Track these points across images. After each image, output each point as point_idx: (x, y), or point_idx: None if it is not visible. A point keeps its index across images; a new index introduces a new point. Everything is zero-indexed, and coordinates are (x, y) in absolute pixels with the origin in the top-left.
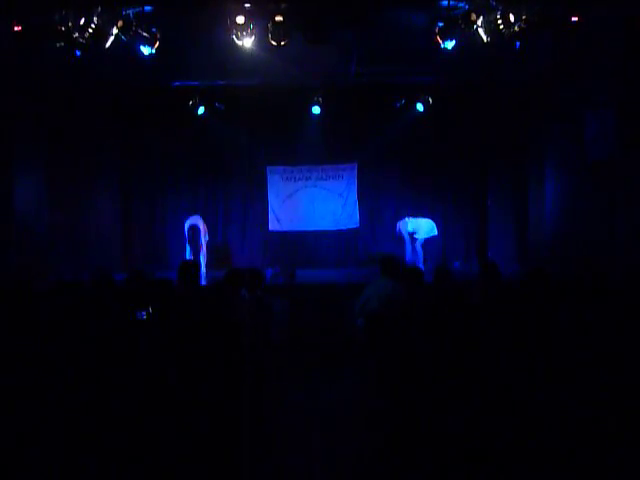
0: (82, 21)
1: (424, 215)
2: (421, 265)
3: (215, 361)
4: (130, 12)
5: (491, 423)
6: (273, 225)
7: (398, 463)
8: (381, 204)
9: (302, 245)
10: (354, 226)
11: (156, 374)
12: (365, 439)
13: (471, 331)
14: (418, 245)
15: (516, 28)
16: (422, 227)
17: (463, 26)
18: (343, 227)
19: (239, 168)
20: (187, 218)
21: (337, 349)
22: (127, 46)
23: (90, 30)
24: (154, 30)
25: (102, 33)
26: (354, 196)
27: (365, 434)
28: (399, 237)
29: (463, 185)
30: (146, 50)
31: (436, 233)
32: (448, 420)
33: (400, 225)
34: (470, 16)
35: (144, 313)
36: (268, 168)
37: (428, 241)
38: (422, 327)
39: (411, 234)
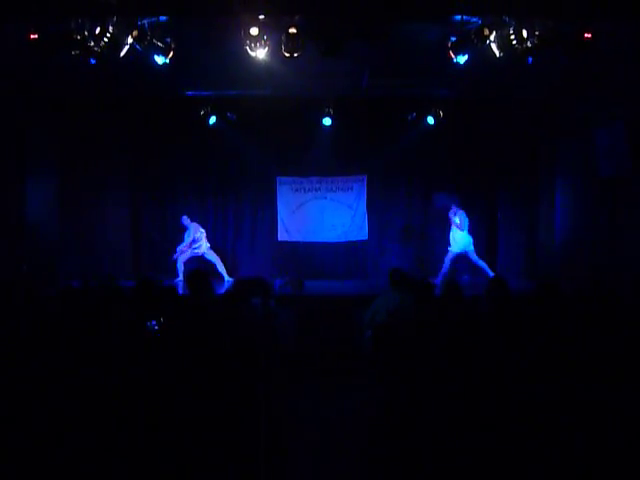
0: (98, 30)
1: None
2: (439, 277)
3: (226, 371)
4: (145, 22)
5: (498, 437)
6: (282, 235)
7: (401, 474)
8: (390, 217)
9: (310, 256)
10: (363, 238)
11: (165, 382)
12: (370, 451)
13: (479, 345)
14: (448, 258)
15: (529, 44)
16: (457, 240)
17: (476, 41)
18: (352, 239)
19: (249, 178)
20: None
21: (344, 360)
22: (141, 55)
23: (105, 39)
24: (168, 40)
25: (117, 42)
26: (363, 208)
27: (370, 445)
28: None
29: (473, 199)
30: (160, 60)
31: (472, 249)
32: (454, 433)
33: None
34: (483, 31)
35: (155, 322)
36: (278, 179)
37: (459, 257)
38: (430, 340)
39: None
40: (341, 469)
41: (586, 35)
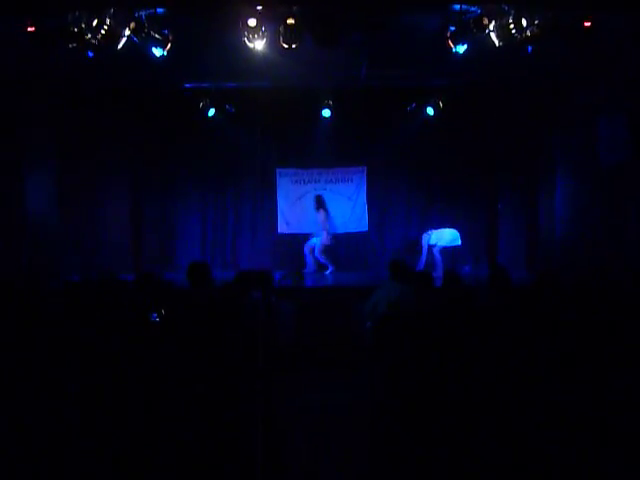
0: (95, 22)
1: (442, 223)
2: (438, 272)
3: (226, 364)
4: (142, 14)
5: (500, 428)
6: (282, 227)
7: (403, 467)
8: (390, 208)
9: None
10: (363, 229)
11: (165, 375)
12: (371, 443)
13: (480, 336)
14: (436, 251)
15: (528, 33)
16: (444, 236)
17: (475, 30)
18: (352, 230)
19: (249, 170)
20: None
21: (344, 352)
22: (139, 48)
23: (103, 31)
24: (166, 32)
25: (114, 34)
26: (363, 199)
27: (371, 438)
28: (419, 249)
29: (473, 189)
30: (158, 52)
31: (459, 243)
32: (455, 424)
33: (423, 238)
34: (482, 20)
35: (156, 315)
36: (278, 170)
37: (447, 249)
38: (431, 331)
39: (431, 246)
40: (341, 462)
41: (586, 24)
